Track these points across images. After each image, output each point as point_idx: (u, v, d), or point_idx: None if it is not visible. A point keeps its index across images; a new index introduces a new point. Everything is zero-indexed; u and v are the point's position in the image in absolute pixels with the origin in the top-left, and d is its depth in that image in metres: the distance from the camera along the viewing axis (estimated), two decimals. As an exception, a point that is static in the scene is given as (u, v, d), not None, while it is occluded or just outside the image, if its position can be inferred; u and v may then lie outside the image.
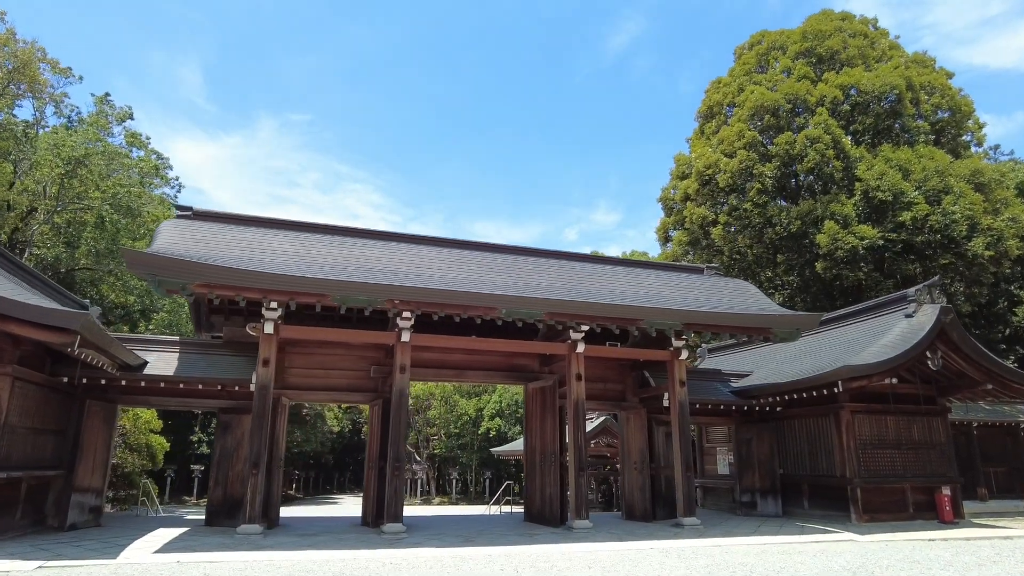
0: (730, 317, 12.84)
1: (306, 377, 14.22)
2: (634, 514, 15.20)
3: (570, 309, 11.89)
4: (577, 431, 13.24)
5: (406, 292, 10.97)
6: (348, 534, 11.90)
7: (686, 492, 13.62)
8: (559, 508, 13.49)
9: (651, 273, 15.61)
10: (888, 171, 21.37)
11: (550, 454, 14.06)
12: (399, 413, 12.25)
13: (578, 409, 13.37)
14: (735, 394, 16.73)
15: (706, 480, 19.66)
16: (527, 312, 11.65)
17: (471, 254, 14.18)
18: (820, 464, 15.38)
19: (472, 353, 15.16)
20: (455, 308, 11.40)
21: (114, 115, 27.19)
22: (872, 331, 15.55)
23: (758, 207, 23.15)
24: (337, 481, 79.89)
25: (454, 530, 12.85)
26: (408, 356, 12.56)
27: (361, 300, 10.86)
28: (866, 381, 13.68)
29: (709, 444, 19.76)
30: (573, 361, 13.66)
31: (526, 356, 15.62)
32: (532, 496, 14.72)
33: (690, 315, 12.63)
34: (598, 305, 12.11)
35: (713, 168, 24.14)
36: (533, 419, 15.14)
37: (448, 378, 15.12)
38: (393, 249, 13.28)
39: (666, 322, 12.54)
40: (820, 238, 21.42)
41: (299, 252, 12.25)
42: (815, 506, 15.46)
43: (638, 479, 15.27)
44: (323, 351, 14.32)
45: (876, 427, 15.10)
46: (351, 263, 12.02)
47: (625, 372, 16.37)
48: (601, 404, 16.09)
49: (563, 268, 14.59)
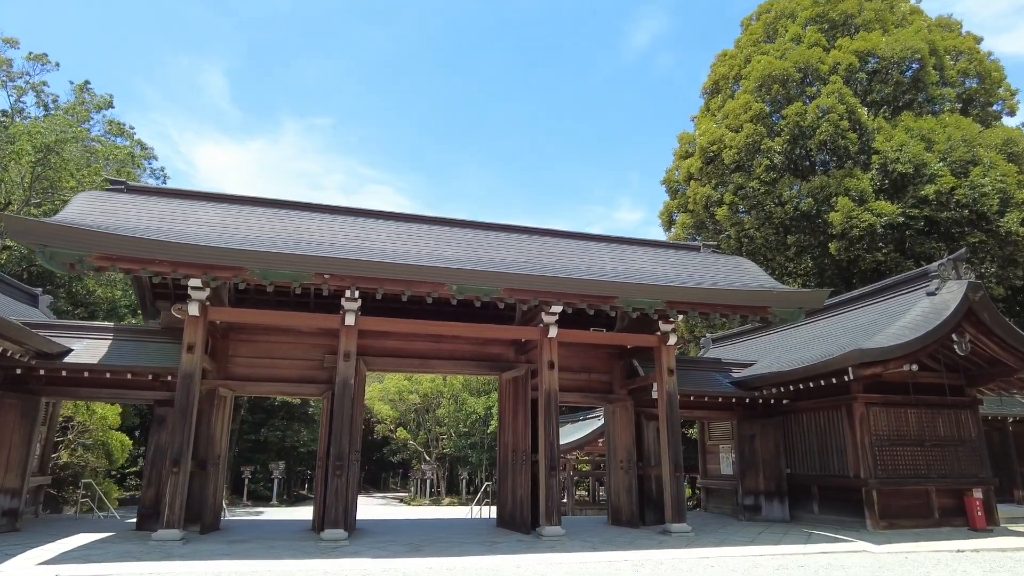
0: (720, 294, 11.21)
1: (251, 367, 12.90)
2: (620, 519, 13.62)
3: (532, 285, 10.37)
4: (549, 426, 11.71)
5: (337, 265, 9.55)
6: (285, 541, 10.53)
7: (674, 494, 12.02)
8: (530, 512, 11.97)
9: (638, 250, 13.99)
10: (909, 141, 19.43)
11: (521, 452, 12.54)
12: (343, 406, 10.85)
13: (550, 401, 11.84)
14: (736, 385, 15.03)
15: (709, 481, 17.96)
16: (481, 288, 10.16)
17: (427, 228, 12.72)
18: (831, 463, 13.64)
19: (439, 340, 13.72)
20: (397, 284, 9.95)
21: (93, 103, 26.27)
22: (891, 312, 13.75)
23: (766, 185, 21.33)
24: (351, 481, 79.31)
25: (409, 537, 11.41)
26: (354, 342, 11.16)
27: (285, 274, 9.46)
28: (881, 368, 11.93)
29: (712, 442, 18.05)
30: (545, 347, 12.13)
31: (500, 344, 14.13)
32: (504, 499, 13.22)
33: (673, 292, 11.03)
34: (566, 280, 10.57)
35: (718, 144, 22.37)
36: (506, 413, 13.63)
37: (411, 368, 13.71)
38: (337, 222, 11.88)
39: (645, 300, 10.95)
40: (834, 216, 19.56)
41: (230, 224, 10.90)
42: (826, 510, 13.71)
43: (624, 480, 13.68)
44: (270, 338, 13.00)
45: (895, 421, 13.31)
46: (285, 236, 10.64)
47: (612, 362, 14.79)
48: (585, 397, 14.51)
49: (533, 243, 13.07)
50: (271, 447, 48.23)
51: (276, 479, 46.90)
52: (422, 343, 13.64)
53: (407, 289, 10.01)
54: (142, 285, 12.42)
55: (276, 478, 47.00)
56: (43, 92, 26.61)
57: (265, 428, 47.50)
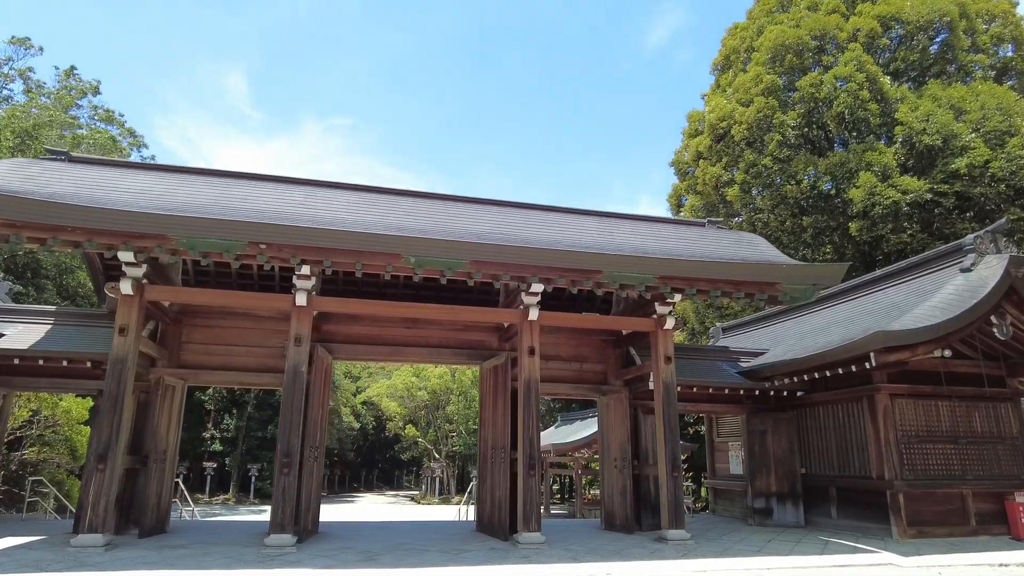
0: (721, 267, 9.81)
1: (206, 355, 11.77)
2: (613, 523, 12.27)
3: (503, 257, 9.06)
4: (528, 419, 10.39)
5: (274, 232, 8.32)
6: (227, 546, 9.35)
7: (672, 497, 10.64)
8: (508, 516, 10.68)
9: (633, 224, 12.61)
10: (936, 111, 17.74)
11: (500, 449, 11.25)
12: (292, 396, 9.64)
13: (530, 392, 10.52)
14: (744, 375, 13.59)
15: (717, 481, 16.52)
16: (443, 261, 8.86)
17: (393, 199, 11.46)
18: (851, 462, 12.14)
19: (413, 326, 12.48)
20: (346, 256, 8.69)
21: (77, 88, 25.45)
22: (920, 292, 12.22)
23: (779, 162, 19.75)
24: (365, 479, 78.45)
25: (370, 543, 10.18)
26: (307, 324, 9.94)
27: (214, 244, 8.25)
28: (908, 353, 10.42)
29: (720, 439, 16.60)
30: (525, 331, 10.82)
31: (480, 329, 12.85)
32: (483, 501, 11.93)
33: (665, 265, 9.65)
34: (541, 252, 9.25)
35: (728, 120, 20.81)
36: (486, 406, 12.34)
37: (382, 357, 12.49)
38: (288, 192, 10.66)
39: (634, 275, 9.59)
40: (854, 193, 17.94)
41: (167, 193, 9.72)
42: (845, 515, 12.21)
43: (618, 480, 12.32)
44: (226, 323, 11.85)
45: (924, 415, 11.77)
46: (226, 205, 9.44)
47: (607, 350, 13.45)
48: (576, 388, 13.17)
49: (514, 215, 11.75)
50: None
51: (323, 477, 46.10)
52: (395, 329, 12.42)
53: (358, 261, 8.75)
54: (94, 265, 11.33)
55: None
56: (30, 79, 25.80)
57: (272, 425, 46.89)
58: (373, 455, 75.38)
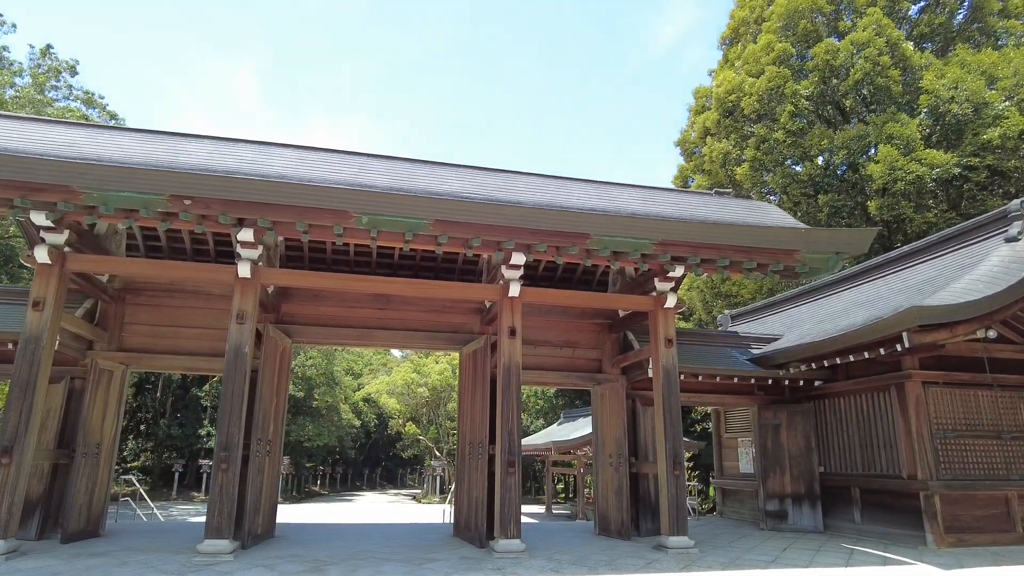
0: (729, 231, 8.42)
1: (151, 337, 10.52)
2: (608, 527, 10.91)
3: (472, 215, 7.71)
4: (508, 410, 9.05)
5: (200, 184, 7.01)
6: (155, 554, 8.06)
7: (673, 498, 9.28)
8: (485, 520, 9.35)
9: (627, 191, 11.25)
10: (966, 78, 16.25)
11: (478, 443, 9.93)
12: (233, 381, 8.35)
13: (510, 378, 9.17)
14: (756, 362, 12.21)
15: (725, 480, 15.16)
16: (402, 220, 7.53)
17: (345, 157, 10.15)
18: (877, 460, 10.74)
19: (385, 306, 11.19)
20: (285, 212, 7.38)
21: (50, 68, 24.32)
22: (956, 267, 10.80)
23: (792, 136, 18.29)
24: (368, 477, 77.28)
25: (326, 549, 8.87)
26: (251, 299, 8.64)
27: (129, 198, 6.96)
28: (947, 333, 9.01)
29: (728, 434, 15.23)
30: (505, 309, 9.48)
31: (460, 311, 11.54)
32: (460, 502, 10.61)
33: (666, 228, 8.29)
34: (519, 210, 7.91)
35: (736, 93, 19.38)
36: (464, 396, 11.02)
37: (350, 340, 11.20)
38: (230, 148, 9.37)
39: (628, 239, 8.23)
40: (873, 168, 16.48)
41: (89, 147, 8.46)
42: (871, 519, 10.82)
43: (613, 479, 10.96)
44: (174, 302, 10.60)
45: (962, 406, 10.36)
46: (155, 160, 8.15)
47: (602, 335, 12.10)
48: (567, 377, 11.81)
49: (487, 179, 10.41)
50: (275, 441, 46.56)
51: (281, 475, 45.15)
52: (364, 310, 11.13)
53: (301, 220, 7.44)
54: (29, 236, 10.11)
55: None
56: (3, 58, 24.66)
57: (270, 422, 45.84)
58: (376, 453, 74.20)
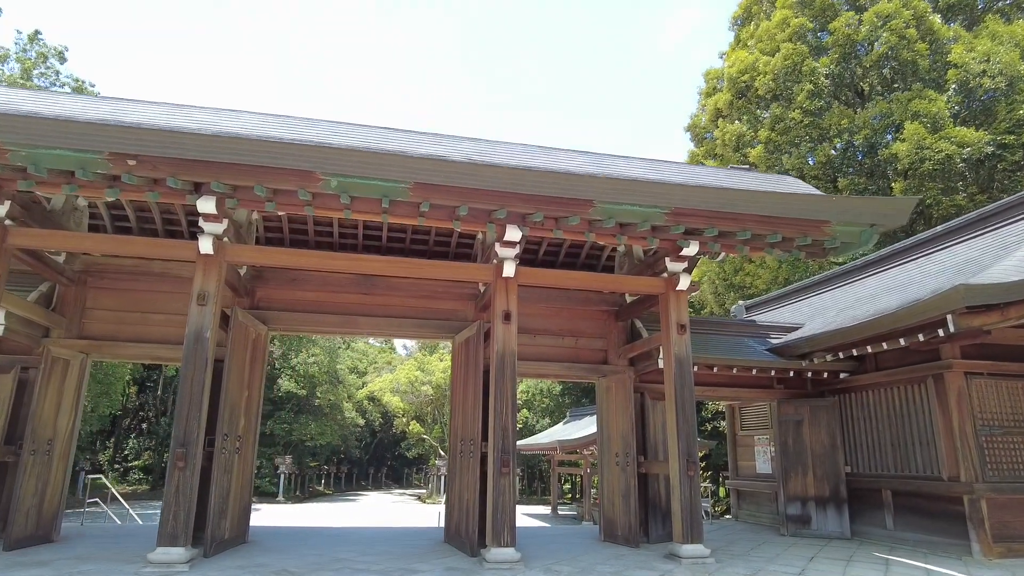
0: (752, 199, 7.42)
1: (116, 323, 9.63)
2: (614, 532, 9.92)
3: (459, 177, 6.73)
4: (502, 403, 8.08)
5: (145, 139, 6.07)
6: (99, 563, 7.15)
7: (687, 501, 8.28)
8: (477, 525, 8.39)
9: (631, 163, 10.26)
10: (998, 50, 15.15)
11: (470, 441, 8.96)
12: (192, 368, 7.43)
13: (504, 368, 8.20)
14: (775, 352, 11.19)
15: (741, 481, 14.14)
16: (377, 183, 6.57)
17: (312, 122, 9.21)
18: (912, 460, 9.71)
19: (370, 290, 10.25)
20: (242, 174, 6.43)
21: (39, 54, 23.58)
22: (1001, 245, 9.73)
23: (810, 116, 17.24)
24: (373, 477, 76.49)
25: (300, 557, 7.93)
26: (214, 278, 7.71)
27: (62, 157, 6.05)
28: (998, 316, 7.95)
29: (744, 432, 14.22)
30: (499, 291, 8.52)
31: (453, 296, 10.59)
32: (452, 505, 9.64)
33: (679, 193, 7.29)
34: (512, 172, 6.94)
35: (750, 72, 18.34)
36: (457, 388, 10.05)
37: (331, 328, 10.26)
38: (188, 112, 8.45)
39: (636, 207, 7.24)
40: (898, 148, 15.40)
41: (30, 106, 7.56)
42: (906, 525, 9.78)
43: (620, 480, 9.97)
44: (141, 286, 9.70)
45: (1010, 401, 9.30)
46: (98, 118, 7.23)
47: (608, 323, 11.11)
48: (570, 369, 10.81)
49: (484, 146, 9.44)
50: (278, 441, 45.91)
51: (282, 474, 44.50)
52: (347, 295, 10.20)
53: (260, 183, 6.50)
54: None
55: (282, 473, 44.58)
56: (-9, 45, 23.92)
57: (272, 420, 45.23)
58: (382, 452, 73.47)
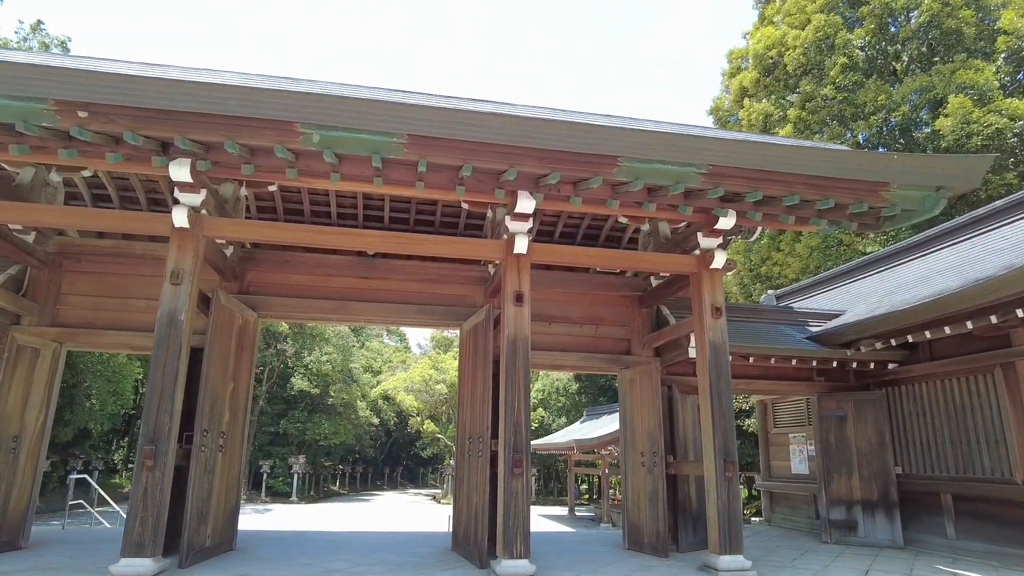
0: (803, 155, 6.41)
1: (92, 310, 8.85)
2: (639, 540, 8.94)
3: (461, 129, 5.80)
4: (513, 394, 7.14)
5: (96, 86, 5.22)
6: (64, 573, 6.33)
7: (724, 507, 7.27)
8: (486, 532, 7.46)
9: (665, 125, 9.26)
10: (1053, 14, 13.93)
11: (478, 437, 8.03)
12: (164, 356, 6.58)
13: (516, 354, 7.26)
14: (817, 341, 10.13)
15: (773, 483, 13.09)
16: (365, 138, 5.67)
17: (290, 80, 8.33)
18: (976, 460, 8.62)
19: (368, 274, 9.39)
20: (211, 126, 5.56)
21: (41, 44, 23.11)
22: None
23: (843, 92, 16.10)
24: (389, 477, 75.97)
25: (287, 569, 7.06)
26: (189, 254, 6.86)
27: (1, 107, 5.23)
28: (1088, 293, 6.90)
29: (777, 429, 13.17)
30: (510, 270, 7.59)
31: (460, 280, 9.68)
32: (460, 508, 8.72)
33: (719, 148, 6.29)
34: (524, 122, 5.99)
35: (778, 48, 17.24)
36: (464, 380, 9.13)
37: (325, 315, 9.36)
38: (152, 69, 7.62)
39: (668, 165, 6.27)
40: (942, 123, 14.23)
41: None
42: (970, 533, 8.69)
43: (647, 481, 8.98)
44: (120, 269, 8.92)
45: (1091, 391, 8.21)
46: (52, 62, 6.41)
47: (631, 310, 10.12)
48: (588, 359, 9.82)
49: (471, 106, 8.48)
50: (292, 440, 45.47)
51: (296, 474, 44.02)
52: (343, 279, 9.34)
53: (232, 138, 5.63)
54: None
55: (296, 473, 44.10)
56: (-7, 36, 23.51)
57: (285, 420, 44.81)
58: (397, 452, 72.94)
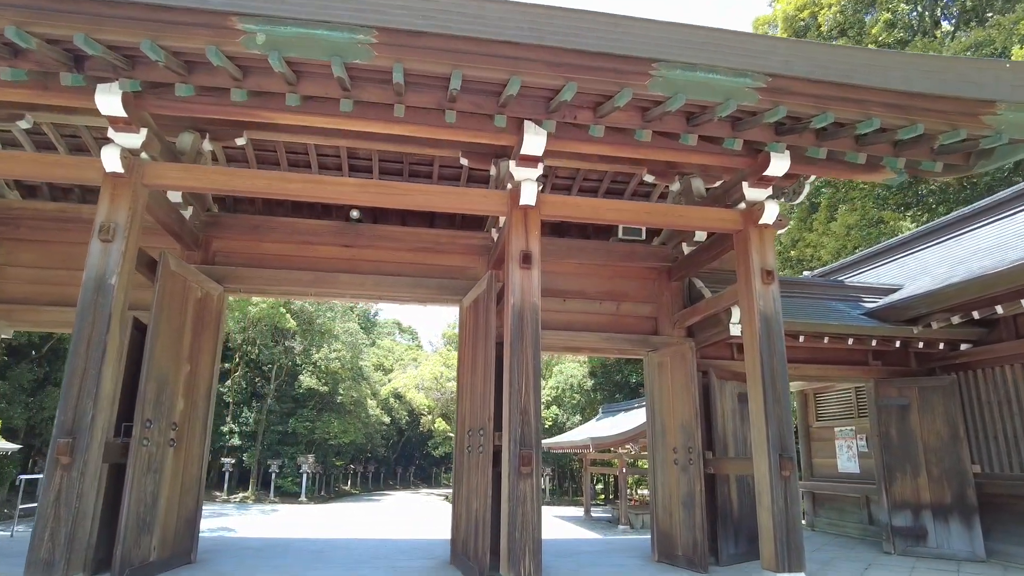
0: (891, 62, 5.02)
1: (33, 284, 7.69)
2: (672, 551, 7.55)
3: (445, 21, 4.48)
4: (519, 375, 5.78)
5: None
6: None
7: (780, 514, 5.86)
8: (488, 541, 6.14)
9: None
10: None
11: (479, 430, 6.71)
12: (89, 329, 5.34)
13: (524, 327, 5.91)
14: (875, 318, 8.69)
15: (817, 482, 11.66)
16: (323, 35, 4.37)
17: None
18: (1081, 454, 7.17)
19: (353, 242, 8.13)
20: (125, 25, 4.30)
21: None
22: None
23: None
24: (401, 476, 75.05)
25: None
26: (123, 205, 5.62)
27: None
28: None
29: (821, 422, 11.74)
30: (516, 225, 6.24)
31: (460, 249, 8.39)
32: (458, 513, 7.39)
33: (784, 53, 4.91)
34: (529, 11, 4.66)
35: (811, 7, 15.75)
36: (464, 364, 7.80)
37: (303, 288, 8.06)
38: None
39: (718, 74, 4.89)
40: (1005, 80, 12.69)
41: None
42: (1071, 544, 7.24)
43: (680, 482, 7.59)
44: (67, 237, 7.71)
45: None
46: None
47: (659, 283, 8.73)
48: (609, 340, 8.44)
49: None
50: (301, 439, 44.65)
51: (305, 473, 43.12)
52: (324, 247, 8.08)
53: (152, 37, 4.35)
54: None
55: (305, 472, 43.19)
56: None
57: (294, 419, 43.95)
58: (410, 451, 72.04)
